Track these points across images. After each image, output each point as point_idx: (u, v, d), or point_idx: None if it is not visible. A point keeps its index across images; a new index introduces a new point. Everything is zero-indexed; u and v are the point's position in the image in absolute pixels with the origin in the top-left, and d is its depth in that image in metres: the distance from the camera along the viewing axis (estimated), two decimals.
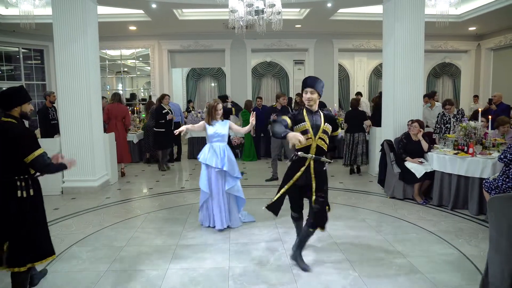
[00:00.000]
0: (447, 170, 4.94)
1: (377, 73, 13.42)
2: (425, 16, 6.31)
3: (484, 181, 4.33)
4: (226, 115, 7.43)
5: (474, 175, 4.64)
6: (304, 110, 3.19)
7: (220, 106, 4.28)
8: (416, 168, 5.19)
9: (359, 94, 11.63)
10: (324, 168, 3.22)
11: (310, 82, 3.14)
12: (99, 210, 5.17)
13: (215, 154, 4.19)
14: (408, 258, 3.48)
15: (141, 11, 8.93)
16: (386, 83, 6.72)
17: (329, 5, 8.32)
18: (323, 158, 3.19)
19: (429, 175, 5.17)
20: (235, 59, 11.53)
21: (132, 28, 10.34)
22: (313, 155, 3.13)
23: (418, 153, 5.36)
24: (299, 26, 10.35)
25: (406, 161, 5.36)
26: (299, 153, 3.15)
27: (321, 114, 3.20)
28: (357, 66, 13.43)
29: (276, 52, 12.53)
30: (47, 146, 4.98)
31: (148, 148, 8.46)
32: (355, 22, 9.95)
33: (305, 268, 3.26)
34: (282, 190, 3.25)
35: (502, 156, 4.01)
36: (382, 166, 5.81)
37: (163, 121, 7.74)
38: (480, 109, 5.71)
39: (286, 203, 3.34)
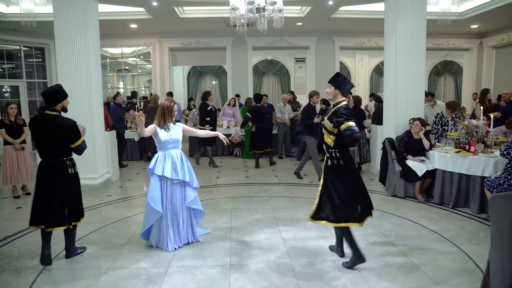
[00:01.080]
0: (448, 168, 4.94)
1: (378, 71, 13.38)
2: (427, 14, 6.28)
3: (485, 180, 4.32)
4: (261, 117, 7.54)
5: (476, 173, 4.64)
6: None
7: (176, 107, 3.74)
8: (418, 166, 5.18)
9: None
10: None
11: None
12: (101, 207, 5.19)
13: (172, 163, 3.67)
14: (409, 256, 3.49)
15: (142, 9, 8.92)
16: (387, 81, 6.71)
17: (330, 2, 8.29)
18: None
19: (431, 174, 5.16)
20: (236, 57, 11.52)
21: (133, 26, 10.33)
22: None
23: (420, 151, 5.35)
24: (301, 24, 10.31)
25: (407, 159, 5.35)
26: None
27: (329, 109, 3.36)
28: (359, 64, 13.39)
29: (277, 50, 12.49)
30: None
31: (150, 147, 8.44)
32: (357, 20, 9.92)
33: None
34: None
35: (505, 152, 3.99)
36: (383, 164, 5.81)
37: (209, 118, 7.84)
38: (481, 107, 5.69)
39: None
